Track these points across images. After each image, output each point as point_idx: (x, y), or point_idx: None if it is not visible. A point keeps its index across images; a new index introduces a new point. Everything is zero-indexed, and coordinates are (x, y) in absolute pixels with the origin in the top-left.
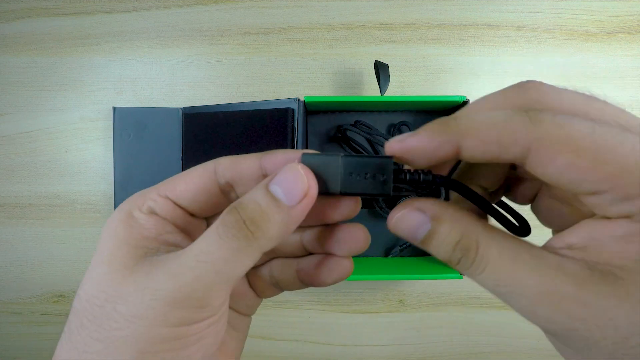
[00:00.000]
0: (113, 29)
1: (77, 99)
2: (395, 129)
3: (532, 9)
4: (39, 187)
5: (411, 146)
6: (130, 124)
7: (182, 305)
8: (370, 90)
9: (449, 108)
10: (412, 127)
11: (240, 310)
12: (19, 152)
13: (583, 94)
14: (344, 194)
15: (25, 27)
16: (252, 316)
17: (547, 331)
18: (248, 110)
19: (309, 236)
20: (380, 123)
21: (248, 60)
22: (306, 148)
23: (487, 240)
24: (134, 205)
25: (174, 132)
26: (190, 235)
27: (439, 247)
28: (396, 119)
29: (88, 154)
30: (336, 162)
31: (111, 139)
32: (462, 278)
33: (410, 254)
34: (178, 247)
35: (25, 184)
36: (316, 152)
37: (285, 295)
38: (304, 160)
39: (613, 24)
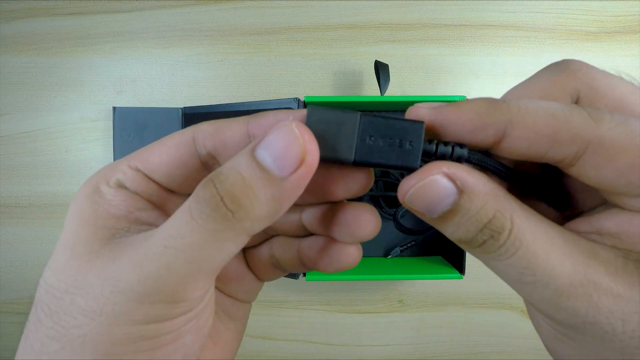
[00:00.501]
0: (113, 29)
1: (77, 99)
2: None
3: (532, 9)
4: (39, 187)
5: (447, 118)
6: (130, 124)
7: (150, 300)
8: (370, 90)
9: None
10: None
11: (237, 296)
12: (19, 152)
13: (631, 84)
14: (359, 163)
15: (25, 27)
16: (252, 304)
17: (560, 323)
18: (248, 110)
19: (309, 215)
20: None
21: (248, 60)
22: None
23: (522, 219)
24: (102, 179)
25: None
26: (168, 213)
27: (462, 225)
28: None
29: (88, 154)
30: (352, 122)
31: (111, 139)
32: (462, 278)
33: (410, 254)
34: (152, 226)
35: (25, 184)
36: (328, 107)
37: (285, 295)
38: (309, 116)
39: (613, 24)
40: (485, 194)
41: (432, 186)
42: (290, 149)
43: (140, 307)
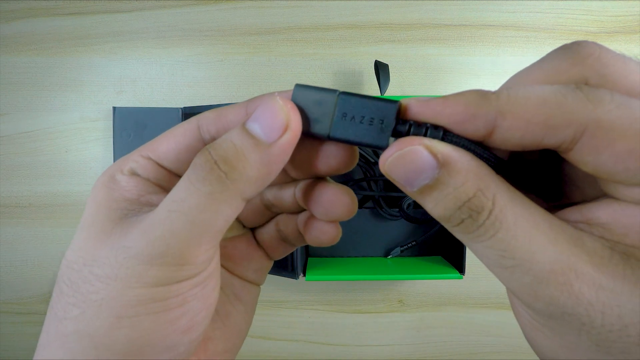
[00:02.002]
0: (113, 29)
1: (77, 99)
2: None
3: (532, 9)
4: (39, 187)
5: (436, 111)
6: (130, 124)
7: (158, 263)
8: (370, 90)
9: None
10: None
11: (247, 277)
12: (19, 152)
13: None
14: (333, 139)
15: (25, 27)
16: (260, 287)
17: (538, 312)
18: None
19: (298, 192)
20: None
21: (248, 60)
22: None
23: (505, 200)
24: (117, 168)
25: None
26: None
27: (440, 201)
28: None
29: (88, 154)
30: (330, 99)
31: (111, 139)
32: (462, 278)
33: (410, 254)
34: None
35: (25, 184)
36: (313, 86)
37: (285, 295)
38: (295, 93)
39: (613, 24)
40: (467, 171)
41: (411, 156)
42: (275, 118)
43: (149, 269)
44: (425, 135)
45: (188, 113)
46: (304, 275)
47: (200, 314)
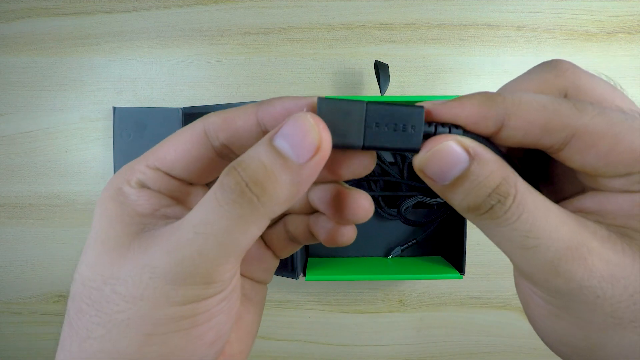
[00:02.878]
0: (113, 29)
1: (77, 99)
2: None
3: (532, 9)
4: (39, 187)
5: (454, 113)
6: (130, 124)
7: (186, 283)
8: (370, 90)
9: None
10: None
11: (256, 277)
12: (19, 152)
13: (609, 84)
14: (367, 148)
15: (25, 27)
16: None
17: (557, 290)
18: None
19: (315, 195)
20: None
21: (248, 60)
22: None
23: (524, 188)
24: (122, 180)
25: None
26: (190, 205)
27: (472, 190)
28: None
29: (88, 154)
30: (359, 111)
31: (111, 139)
32: (462, 278)
33: (410, 254)
34: (177, 219)
35: (25, 184)
36: (333, 97)
37: (285, 295)
38: (320, 107)
39: (613, 24)
40: (494, 162)
41: (447, 150)
42: (307, 138)
43: (177, 289)
44: (445, 127)
45: (188, 113)
46: (304, 275)
47: (226, 325)
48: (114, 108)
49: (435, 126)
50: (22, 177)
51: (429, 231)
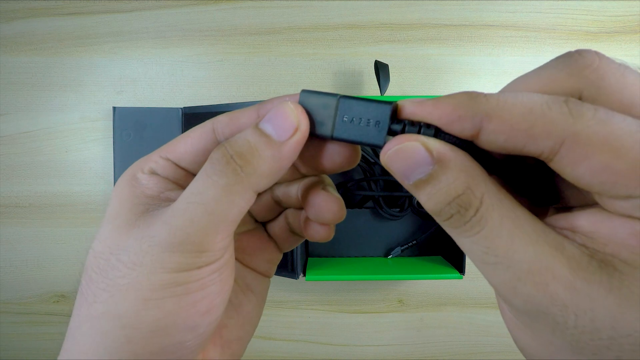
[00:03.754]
0: (113, 29)
1: (77, 99)
2: None
3: (532, 9)
4: (39, 187)
5: (427, 112)
6: (130, 124)
7: (179, 250)
8: (370, 90)
9: None
10: None
11: (259, 268)
12: (19, 152)
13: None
14: (336, 139)
15: (25, 27)
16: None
17: (517, 308)
18: None
19: (299, 190)
20: None
21: (248, 60)
22: None
23: (493, 200)
24: (137, 168)
25: (174, 132)
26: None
27: (432, 196)
28: None
29: (88, 154)
30: (332, 103)
31: (111, 139)
32: (462, 278)
33: (410, 254)
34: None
35: (25, 184)
36: (317, 91)
37: (285, 295)
38: (302, 98)
39: (613, 24)
40: (459, 168)
41: (408, 151)
42: (287, 120)
43: (171, 256)
44: (418, 133)
45: (188, 113)
46: (304, 275)
47: (218, 297)
48: (114, 108)
49: (405, 124)
50: (22, 177)
51: (429, 231)
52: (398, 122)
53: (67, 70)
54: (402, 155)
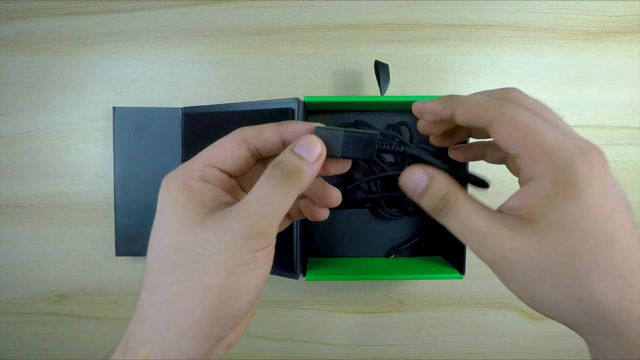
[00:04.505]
0: (113, 29)
1: (77, 99)
2: (394, 129)
3: (532, 9)
4: (39, 187)
5: (426, 107)
6: (130, 124)
7: (255, 237)
8: (370, 90)
9: None
10: (412, 127)
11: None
12: (19, 152)
13: (540, 103)
14: (343, 157)
15: (25, 27)
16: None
17: (486, 260)
18: (248, 110)
19: (309, 187)
20: (380, 123)
21: (248, 60)
22: None
23: (462, 198)
24: (186, 176)
25: (174, 132)
26: (231, 193)
27: (430, 198)
28: (396, 119)
29: (88, 154)
30: (339, 136)
31: (111, 139)
32: (462, 278)
33: (410, 254)
34: (228, 204)
35: (25, 184)
36: (325, 126)
37: (285, 295)
38: (317, 132)
39: (613, 24)
40: (442, 181)
41: (415, 173)
42: (314, 147)
43: (250, 242)
44: (393, 150)
45: (188, 113)
46: (304, 275)
47: (269, 270)
48: (114, 108)
49: (386, 145)
50: (22, 177)
51: (428, 231)
52: (381, 142)
53: (67, 70)
54: (411, 176)
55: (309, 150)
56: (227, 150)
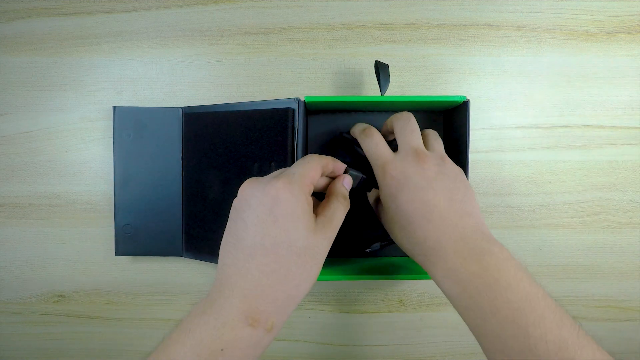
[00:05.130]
0: (113, 29)
1: (77, 99)
2: None
3: (532, 9)
4: (39, 187)
5: (385, 129)
6: (130, 124)
7: (333, 238)
8: (370, 90)
9: (449, 108)
10: None
11: None
12: (19, 152)
13: (411, 130)
14: (356, 187)
15: (25, 27)
16: None
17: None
18: (248, 110)
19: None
20: (380, 123)
21: (248, 60)
22: (306, 148)
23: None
24: (307, 190)
25: (174, 132)
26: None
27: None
28: None
29: (88, 154)
30: (359, 175)
31: (111, 139)
32: None
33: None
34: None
35: (25, 184)
36: (353, 171)
37: None
38: (346, 171)
39: (613, 24)
40: (340, 185)
41: (346, 180)
42: (349, 183)
43: (332, 240)
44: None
45: (188, 113)
46: None
47: (324, 260)
48: (114, 108)
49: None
50: (22, 177)
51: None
52: (356, 170)
53: (67, 70)
54: (346, 181)
55: (348, 184)
56: (317, 174)
